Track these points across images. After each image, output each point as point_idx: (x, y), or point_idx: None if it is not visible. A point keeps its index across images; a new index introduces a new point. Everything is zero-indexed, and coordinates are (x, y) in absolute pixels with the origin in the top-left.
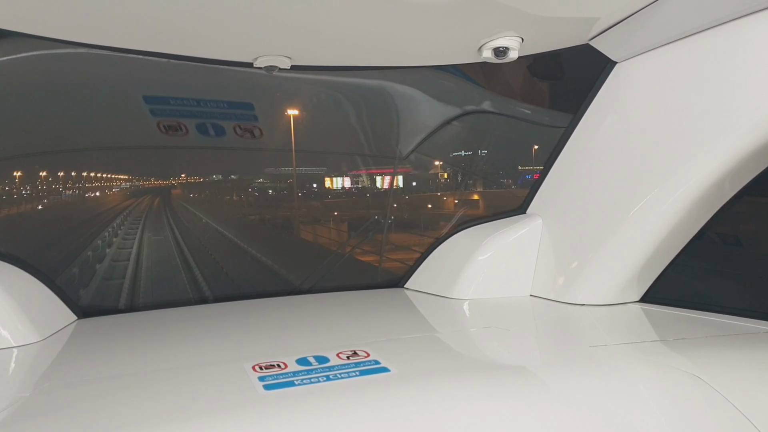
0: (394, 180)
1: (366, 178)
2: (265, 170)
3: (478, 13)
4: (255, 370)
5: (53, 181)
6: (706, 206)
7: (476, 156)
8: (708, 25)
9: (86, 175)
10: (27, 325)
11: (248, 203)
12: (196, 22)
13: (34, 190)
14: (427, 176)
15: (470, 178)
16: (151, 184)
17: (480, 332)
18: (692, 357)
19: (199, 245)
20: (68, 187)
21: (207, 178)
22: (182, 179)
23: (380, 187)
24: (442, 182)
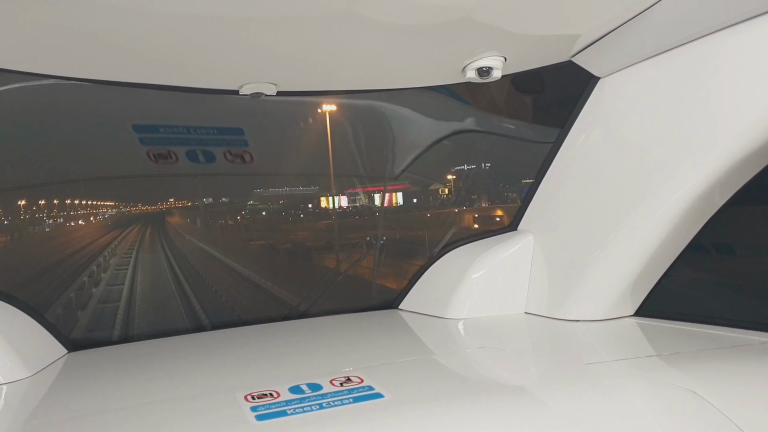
0: (393, 197)
1: (364, 196)
2: (255, 191)
3: (461, 34)
4: (247, 400)
5: (42, 212)
6: (697, 216)
7: (480, 169)
8: (687, 39)
9: (77, 203)
10: (16, 361)
11: (245, 227)
12: (179, 52)
13: (20, 221)
14: (427, 192)
15: (474, 192)
16: (140, 210)
17: (475, 353)
18: (688, 371)
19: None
20: (55, 218)
21: (194, 202)
22: (171, 203)
23: (379, 205)
24: (443, 198)
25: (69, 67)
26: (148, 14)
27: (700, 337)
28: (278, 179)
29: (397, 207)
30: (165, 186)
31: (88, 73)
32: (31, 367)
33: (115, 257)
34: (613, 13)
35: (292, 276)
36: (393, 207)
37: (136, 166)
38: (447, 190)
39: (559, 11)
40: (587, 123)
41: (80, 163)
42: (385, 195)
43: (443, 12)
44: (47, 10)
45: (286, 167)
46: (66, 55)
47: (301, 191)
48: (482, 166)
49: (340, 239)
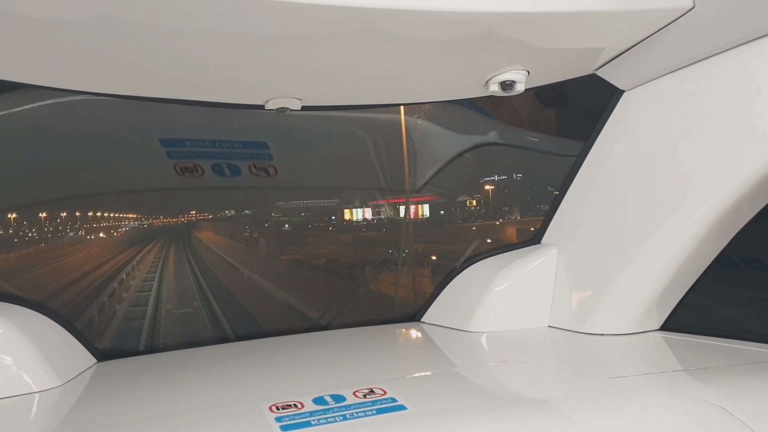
0: (419, 209)
1: (388, 208)
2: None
3: (484, 48)
4: (272, 411)
5: (71, 225)
6: (725, 229)
7: (511, 180)
8: (713, 52)
9: (101, 215)
10: (48, 370)
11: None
12: (206, 68)
13: (51, 234)
14: (454, 204)
15: (505, 204)
16: (165, 223)
17: (499, 366)
18: (717, 387)
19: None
20: (84, 230)
21: (219, 214)
22: (202, 215)
23: (404, 217)
24: (471, 210)
25: (100, 83)
26: (176, 32)
27: (728, 352)
28: (302, 192)
29: (425, 219)
30: (191, 199)
31: (119, 89)
32: (63, 376)
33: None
34: (637, 27)
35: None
36: (421, 219)
37: (163, 179)
38: (474, 202)
39: (583, 25)
40: (612, 136)
41: (108, 177)
42: (409, 207)
43: (466, 27)
44: (79, 30)
45: (310, 180)
46: (97, 73)
47: (329, 204)
48: (514, 176)
49: (386, 254)
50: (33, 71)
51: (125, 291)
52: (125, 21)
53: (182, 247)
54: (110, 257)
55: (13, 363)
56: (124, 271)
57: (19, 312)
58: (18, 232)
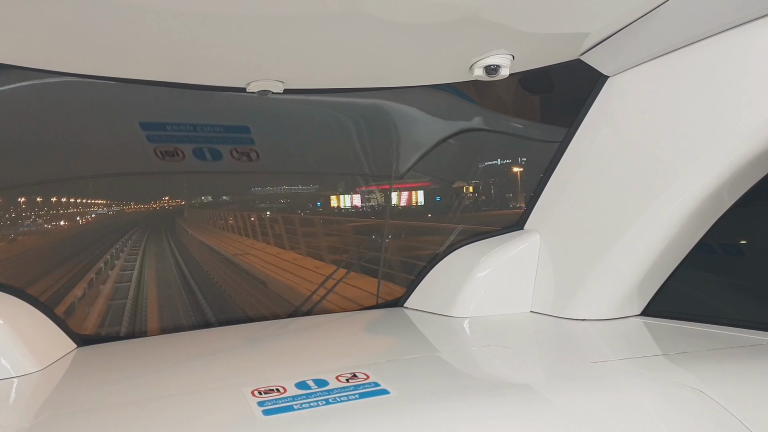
0: (413, 196)
1: (379, 195)
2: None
3: (469, 32)
4: (254, 395)
5: (49, 209)
6: (705, 216)
7: (516, 164)
8: (697, 38)
9: (81, 201)
10: (27, 355)
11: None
12: (187, 49)
13: (28, 218)
14: (450, 191)
15: (509, 190)
16: (143, 210)
17: (481, 351)
18: (695, 371)
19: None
20: (63, 215)
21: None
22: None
23: (397, 204)
24: (468, 196)
25: (77, 64)
26: (156, 12)
27: (707, 337)
28: (285, 177)
29: (414, 207)
30: (172, 184)
31: (96, 70)
32: (42, 361)
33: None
34: (622, 12)
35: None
36: (415, 206)
37: (142, 163)
38: (471, 188)
39: (568, 9)
40: (595, 122)
41: (86, 161)
42: (396, 193)
43: (451, 10)
44: (54, 7)
45: (292, 165)
46: (73, 53)
47: (317, 191)
48: (519, 160)
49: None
50: (9, 51)
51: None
52: (104, 0)
53: (167, 244)
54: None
55: None
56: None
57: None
58: None
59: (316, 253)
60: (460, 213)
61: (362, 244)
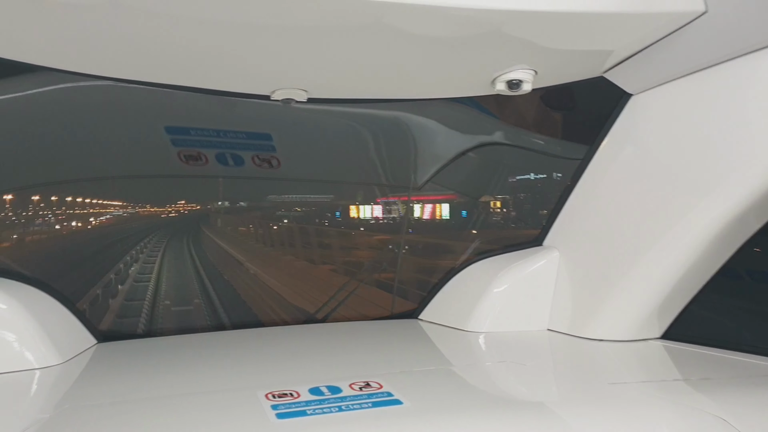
0: (437, 209)
1: (401, 206)
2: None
3: (492, 47)
4: (268, 399)
5: (76, 208)
6: (731, 240)
7: (551, 179)
8: (723, 58)
9: (105, 203)
10: (49, 348)
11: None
12: (215, 57)
13: (56, 216)
14: (476, 205)
15: (544, 207)
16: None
17: (495, 366)
18: (717, 398)
19: None
20: (91, 214)
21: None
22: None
23: (419, 217)
24: (496, 212)
25: (110, 68)
26: (187, 21)
27: (730, 363)
28: (305, 185)
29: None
30: (195, 188)
31: (127, 74)
32: (63, 354)
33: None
34: (648, 30)
35: None
36: (439, 220)
37: (166, 166)
38: (499, 203)
39: (593, 26)
40: (618, 140)
41: (112, 162)
42: (420, 206)
43: (474, 25)
44: (91, 14)
45: (312, 173)
46: (107, 57)
47: (338, 200)
48: (553, 176)
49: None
50: (46, 53)
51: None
52: (137, 7)
53: (191, 266)
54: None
55: (16, 339)
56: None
57: (23, 289)
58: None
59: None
60: (481, 230)
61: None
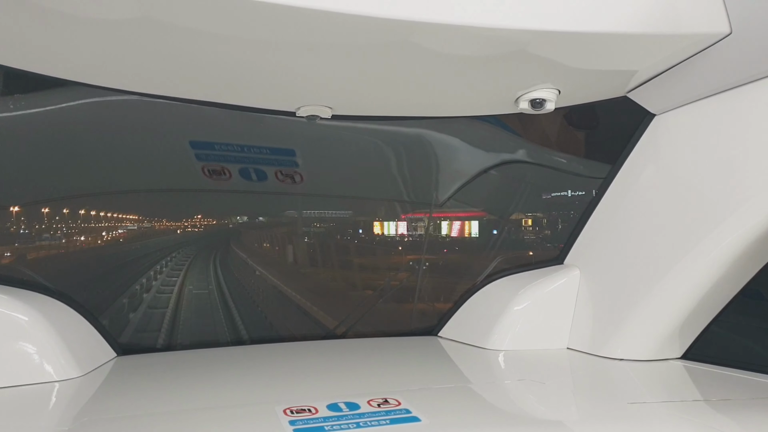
0: (466, 227)
1: (428, 223)
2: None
3: (516, 66)
4: (286, 414)
5: (102, 220)
6: (753, 260)
7: (573, 197)
8: (747, 80)
9: (126, 216)
10: (70, 360)
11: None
12: (241, 73)
13: (80, 228)
14: (507, 223)
15: (565, 225)
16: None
17: (515, 385)
18: (738, 419)
19: None
20: (116, 227)
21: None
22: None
23: (447, 234)
24: (528, 229)
25: (137, 83)
26: (215, 37)
27: (750, 385)
28: (328, 201)
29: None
30: (219, 203)
31: (154, 89)
32: (83, 367)
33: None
34: (672, 51)
35: None
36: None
37: (190, 180)
38: (531, 221)
39: (617, 47)
40: (641, 160)
41: (136, 176)
42: (447, 223)
43: (500, 44)
44: (121, 31)
45: (335, 189)
46: (135, 72)
47: (361, 216)
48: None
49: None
50: (75, 68)
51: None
52: (166, 23)
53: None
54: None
55: (36, 351)
56: None
57: (45, 301)
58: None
59: None
60: (502, 248)
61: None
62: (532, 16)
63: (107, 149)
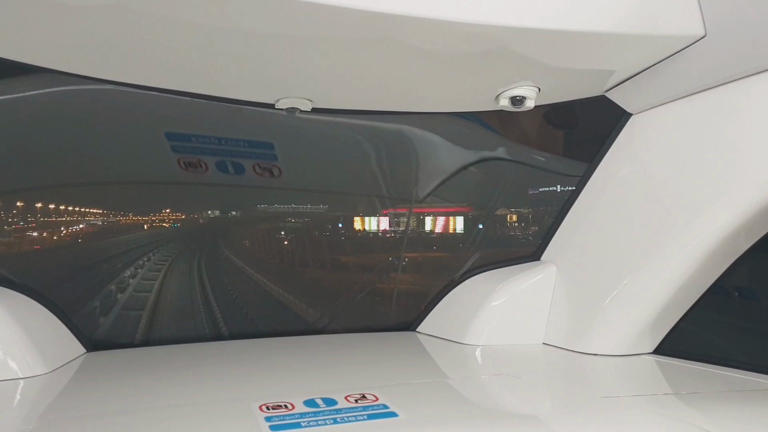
0: (451, 222)
1: (412, 220)
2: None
3: (496, 63)
4: (262, 410)
5: (71, 214)
6: (722, 258)
7: (551, 195)
8: (721, 81)
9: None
10: (35, 357)
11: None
12: (220, 63)
13: (51, 222)
14: (491, 218)
15: (541, 221)
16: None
17: (491, 379)
18: (706, 412)
19: None
20: (87, 220)
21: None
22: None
23: (431, 230)
24: (512, 226)
25: (112, 71)
26: (192, 27)
27: (719, 379)
28: (307, 195)
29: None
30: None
31: (130, 78)
32: (50, 363)
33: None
34: (649, 51)
35: None
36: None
37: (165, 172)
38: (515, 217)
39: (596, 46)
40: (617, 158)
41: (109, 167)
42: (432, 218)
43: (481, 41)
44: (95, 17)
45: (314, 184)
46: (111, 61)
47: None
48: (553, 192)
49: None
50: (48, 55)
51: None
52: (141, 11)
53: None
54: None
55: (0, 347)
56: None
57: (11, 297)
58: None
59: None
60: (480, 244)
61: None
62: (513, 14)
63: (80, 139)
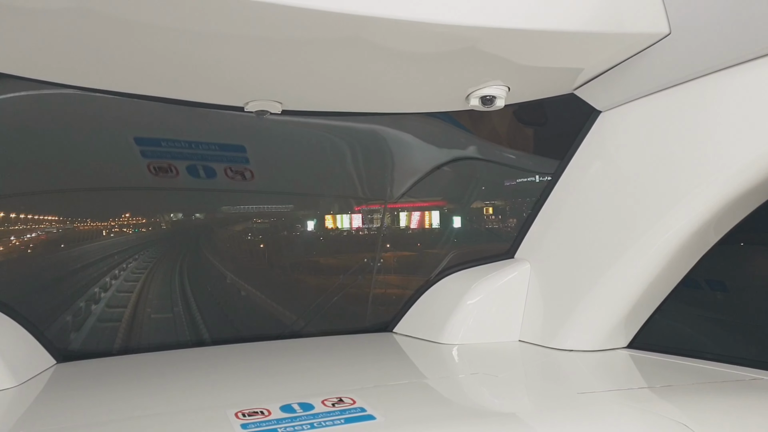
0: (427, 217)
1: (385, 215)
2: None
3: (466, 63)
4: (238, 417)
5: (39, 222)
6: (692, 251)
7: (522, 192)
8: (688, 78)
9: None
10: (2, 369)
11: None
12: (187, 66)
13: (17, 231)
14: (468, 211)
15: (515, 219)
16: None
17: (468, 378)
18: (680, 404)
19: None
20: (54, 229)
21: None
22: None
23: (406, 226)
24: (490, 218)
25: (75, 76)
26: (157, 29)
27: (692, 371)
28: (279, 197)
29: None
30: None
31: (95, 83)
32: (19, 376)
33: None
34: (615, 49)
35: None
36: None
37: (136, 179)
38: (491, 209)
39: (563, 45)
40: (587, 156)
41: (77, 174)
42: (406, 214)
43: (450, 41)
44: (57, 21)
45: (287, 186)
46: (72, 65)
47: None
48: (525, 190)
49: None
50: (6, 59)
51: None
52: (105, 15)
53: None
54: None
55: None
56: None
57: None
58: None
59: None
60: (455, 242)
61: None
62: (482, 14)
63: (42, 146)
